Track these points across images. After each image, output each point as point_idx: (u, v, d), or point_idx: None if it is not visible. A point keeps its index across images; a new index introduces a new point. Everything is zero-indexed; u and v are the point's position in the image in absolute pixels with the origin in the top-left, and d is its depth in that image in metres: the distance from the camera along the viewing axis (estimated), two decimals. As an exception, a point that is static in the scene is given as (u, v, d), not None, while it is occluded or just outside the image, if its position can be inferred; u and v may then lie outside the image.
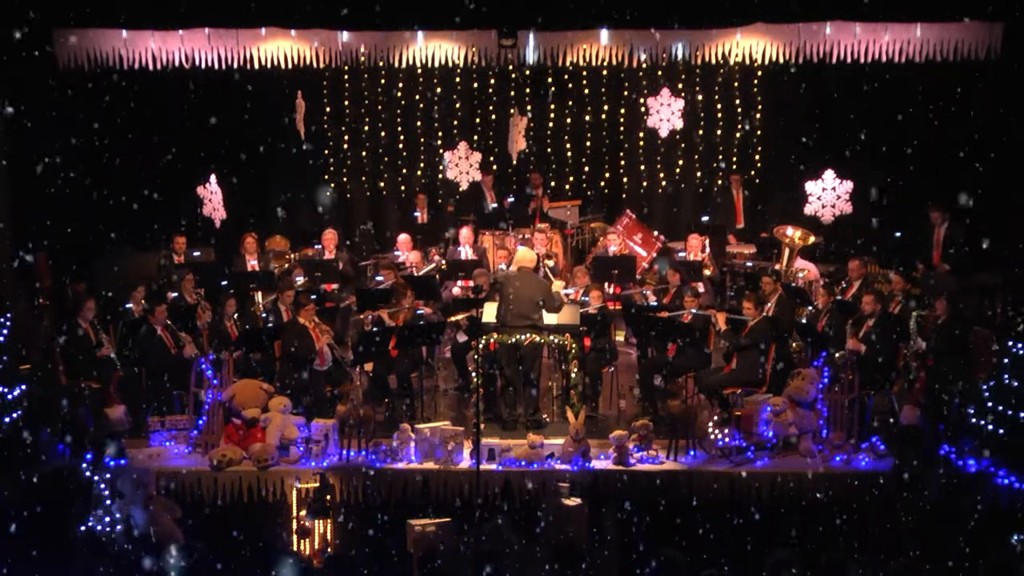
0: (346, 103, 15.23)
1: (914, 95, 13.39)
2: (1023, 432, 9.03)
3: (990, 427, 9.18)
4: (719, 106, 14.98)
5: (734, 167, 14.84)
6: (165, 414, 10.39)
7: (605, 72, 14.71)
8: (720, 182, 14.95)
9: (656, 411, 10.88)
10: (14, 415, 9.11)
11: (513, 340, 10.34)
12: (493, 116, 15.18)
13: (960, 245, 12.64)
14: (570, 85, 15.12)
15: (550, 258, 13.26)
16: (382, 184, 15.49)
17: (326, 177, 15.31)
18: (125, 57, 13.09)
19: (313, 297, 11.37)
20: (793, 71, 13.49)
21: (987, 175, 12.79)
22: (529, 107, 15.03)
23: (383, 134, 15.33)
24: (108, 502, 8.91)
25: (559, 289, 10.88)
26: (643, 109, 14.76)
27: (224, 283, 12.48)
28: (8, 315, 9.68)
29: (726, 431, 9.81)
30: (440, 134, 15.32)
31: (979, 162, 12.81)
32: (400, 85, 15.14)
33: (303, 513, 9.37)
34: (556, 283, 11.00)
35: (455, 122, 15.28)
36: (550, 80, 14.97)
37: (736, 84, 14.82)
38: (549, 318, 10.51)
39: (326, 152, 15.24)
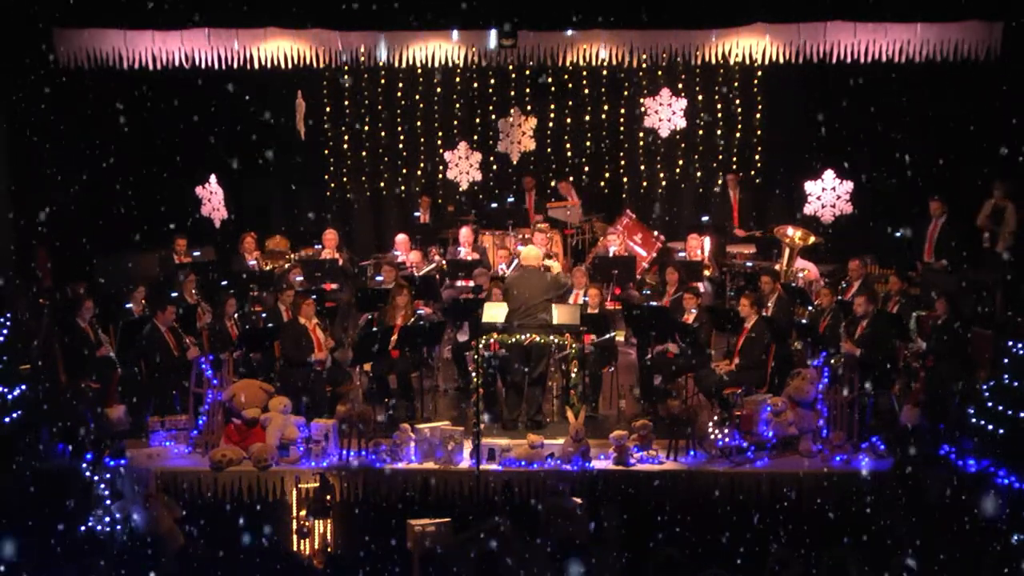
0: (346, 103, 15.25)
1: (914, 95, 13.39)
2: (1023, 432, 9.02)
3: (990, 427, 9.18)
4: (719, 106, 14.99)
5: (734, 167, 14.85)
6: (165, 414, 10.38)
7: (605, 72, 14.72)
8: (720, 182, 14.96)
9: (656, 411, 10.87)
10: (14, 415, 9.11)
11: (514, 340, 10.34)
12: (493, 116, 15.20)
13: (952, 241, 12.66)
14: (570, 85, 15.13)
15: (550, 257, 13.27)
16: (382, 184, 15.51)
17: (326, 177, 15.32)
18: (125, 57, 13.09)
19: (313, 297, 11.37)
20: (793, 71, 13.49)
21: (986, 175, 12.81)
22: (529, 107, 15.06)
23: (383, 134, 15.35)
24: (108, 502, 8.92)
25: (558, 270, 10.96)
26: (642, 109, 14.79)
27: (224, 283, 12.48)
28: (8, 315, 9.67)
29: (726, 431, 9.81)
30: (440, 134, 15.34)
31: (978, 162, 12.83)
32: (400, 85, 15.16)
33: (303, 513, 9.37)
34: (554, 265, 11.07)
35: (455, 122, 15.29)
36: (550, 80, 15.00)
37: (736, 84, 14.83)
38: (555, 314, 10.52)
39: (326, 152, 15.25)
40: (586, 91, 15.15)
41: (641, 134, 15.13)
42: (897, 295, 11.53)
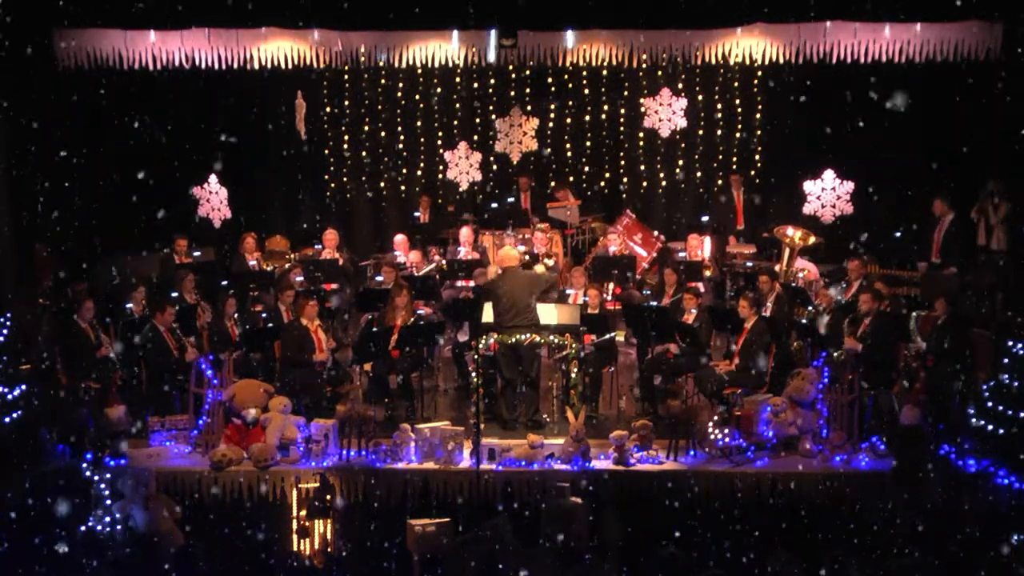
0: (346, 103, 15.25)
1: (914, 95, 13.39)
2: (1023, 432, 9.02)
3: (990, 427, 9.18)
4: (719, 106, 14.99)
5: (734, 167, 14.85)
6: (165, 414, 10.38)
7: (605, 72, 14.72)
8: (720, 182, 14.96)
9: (656, 411, 10.87)
10: (14, 415, 9.11)
11: (512, 340, 10.34)
12: (493, 116, 15.20)
13: (958, 242, 12.64)
14: (570, 85, 15.13)
15: (550, 257, 13.28)
16: (382, 184, 15.51)
17: (326, 177, 15.33)
18: (125, 57, 13.10)
19: (314, 297, 11.37)
20: (793, 71, 13.48)
21: (985, 175, 12.82)
22: (529, 107, 15.06)
23: (383, 134, 15.35)
24: (108, 502, 8.92)
25: (542, 270, 11.01)
26: (643, 110, 14.79)
27: (224, 283, 12.48)
28: (8, 315, 9.68)
29: (726, 431, 9.80)
30: (440, 134, 15.34)
31: (978, 162, 12.83)
32: (400, 85, 15.16)
33: (303, 513, 9.37)
34: (538, 267, 11.09)
35: (455, 122, 15.30)
36: (550, 80, 15.00)
37: (736, 84, 14.83)
38: (549, 314, 10.51)
39: (326, 152, 15.26)
40: (586, 91, 15.15)
41: (641, 134, 15.12)
42: (887, 299, 11.51)
